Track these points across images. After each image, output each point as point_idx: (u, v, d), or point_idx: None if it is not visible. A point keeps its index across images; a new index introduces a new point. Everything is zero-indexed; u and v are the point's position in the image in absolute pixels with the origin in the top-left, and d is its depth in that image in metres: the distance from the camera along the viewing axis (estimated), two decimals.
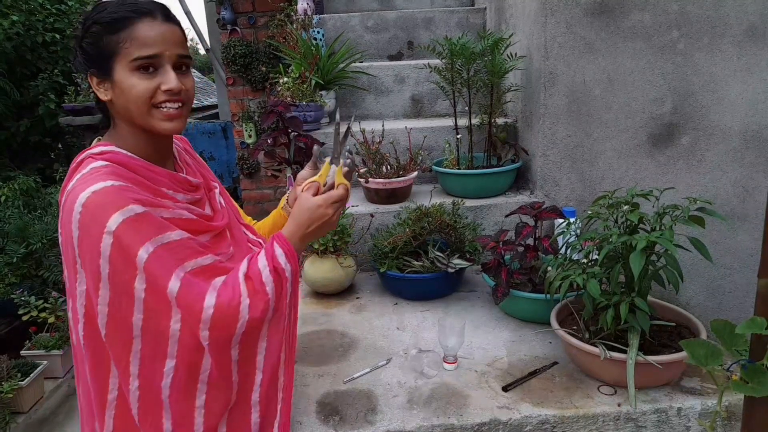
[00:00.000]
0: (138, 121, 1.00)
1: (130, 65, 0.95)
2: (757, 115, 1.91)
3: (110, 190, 0.91)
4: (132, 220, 0.91)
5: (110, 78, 0.97)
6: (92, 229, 0.90)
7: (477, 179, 2.07)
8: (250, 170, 4.04)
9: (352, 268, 1.85)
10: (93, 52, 0.97)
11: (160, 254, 0.93)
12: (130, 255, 0.91)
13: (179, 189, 1.05)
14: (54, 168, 4.66)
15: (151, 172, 1.02)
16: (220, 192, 1.20)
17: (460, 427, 1.18)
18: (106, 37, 0.95)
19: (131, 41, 0.95)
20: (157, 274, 0.92)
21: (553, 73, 1.90)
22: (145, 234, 0.92)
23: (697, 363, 0.89)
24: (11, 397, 2.25)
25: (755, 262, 0.87)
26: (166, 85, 0.97)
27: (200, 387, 0.99)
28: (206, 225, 1.07)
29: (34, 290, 2.74)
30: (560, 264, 1.41)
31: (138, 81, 0.96)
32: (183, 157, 1.16)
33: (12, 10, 4.65)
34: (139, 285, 0.92)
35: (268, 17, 3.76)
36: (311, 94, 2.36)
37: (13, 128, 4.91)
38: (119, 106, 0.99)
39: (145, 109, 0.98)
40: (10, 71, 4.83)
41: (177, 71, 0.99)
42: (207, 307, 0.95)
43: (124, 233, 0.90)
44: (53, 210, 3.10)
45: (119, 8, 0.96)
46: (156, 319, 0.94)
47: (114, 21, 0.95)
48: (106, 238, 0.90)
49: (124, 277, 0.92)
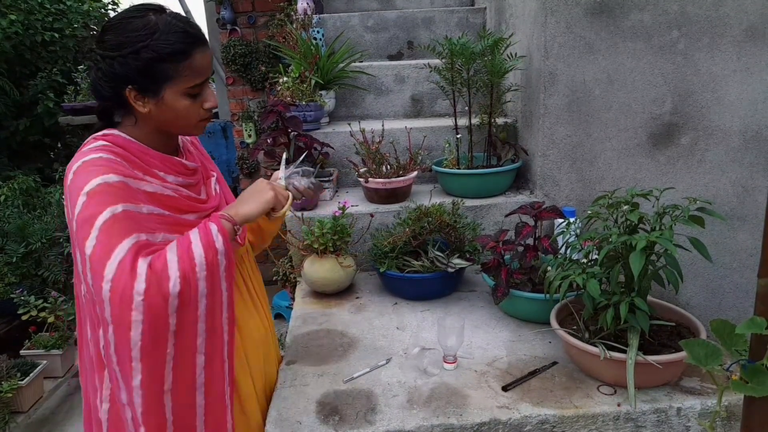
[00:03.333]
0: (172, 130, 1.12)
1: (183, 90, 1.06)
2: (757, 115, 1.91)
3: (97, 162, 1.00)
4: (108, 184, 0.98)
5: (157, 96, 1.05)
6: (74, 193, 0.99)
7: (477, 179, 2.07)
8: (249, 170, 4.04)
9: (352, 268, 1.85)
10: (141, 72, 1.02)
11: (125, 217, 0.98)
12: (94, 215, 0.96)
13: (170, 171, 1.13)
14: (53, 168, 4.66)
15: (145, 154, 1.09)
16: (217, 180, 1.29)
17: (460, 427, 1.18)
18: (163, 64, 1.02)
19: (190, 71, 1.05)
20: (108, 236, 0.96)
21: (553, 73, 1.90)
22: (118, 198, 0.99)
23: (696, 363, 0.89)
24: (11, 397, 2.25)
25: (755, 262, 0.87)
26: (208, 104, 1.11)
27: (134, 355, 0.97)
28: (194, 205, 1.15)
29: (34, 290, 2.74)
30: (560, 264, 1.41)
31: (189, 104, 1.08)
32: (187, 146, 1.25)
33: (11, 9, 4.65)
34: (90, 243, 0.96)
35: (267, 17, 3.76)
36: (311, 93, 2.36)
37: (12, 128, 4.91)
38: (158, 118, 1.08)
39: (193, 124, 1.11)
40: (9, 70, 4.83)
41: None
42: (140, 274, 0.96)
43: (96, 194, 0.97)
44: (53, 209, 3.10)
45: (177, 38, 1.03)
46: (96, 280, 0.96)
47: (174, 53, 1.02)
48: (81, 198, 0.97)
49: (81, 234, 0.97)
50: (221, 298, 1.08)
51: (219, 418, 1.11)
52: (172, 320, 0.98)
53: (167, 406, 1.02)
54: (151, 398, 0.99)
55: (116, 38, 1.02)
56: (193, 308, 1.02)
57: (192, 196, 1.16)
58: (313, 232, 1.80)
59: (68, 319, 2.59)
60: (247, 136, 3.95)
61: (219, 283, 1.06)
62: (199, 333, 1.04)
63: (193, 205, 1.15)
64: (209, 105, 1.11)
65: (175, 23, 1.04)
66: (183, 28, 1.04)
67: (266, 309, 1.41)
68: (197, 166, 1.22)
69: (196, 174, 1.21)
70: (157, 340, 0.98)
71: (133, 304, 0.94)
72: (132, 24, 1.02)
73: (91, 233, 0.96)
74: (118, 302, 0.94)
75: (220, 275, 1.06)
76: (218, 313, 1.08)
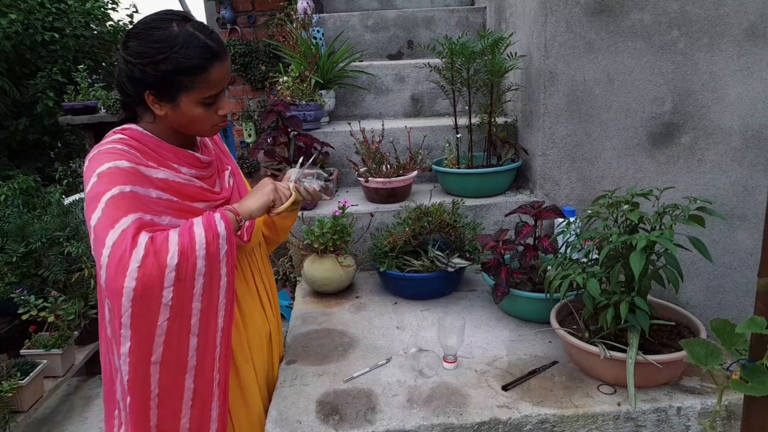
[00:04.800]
0: (189, 133, 1.18)
1: (198, 100, 1.10)
2: (757, 115, 1.91)
3: (111, 150, 1.06)
4: (120, 168, 1.04)
5: (173, 103, 1.10)
6: (87, 175, 1.04)
7: (477, 179, 2.07)
8: (249, 169, 4.04)
9: (352, 268, 1.85)
10: (159, 81, 1.07)
11: (132, 196, 1.03)
12: (102, 192, 1.01)
13: (184, 164, 1.17)
14: (53, 167, 4.66)
15: (160, 147, 1.14)
16: (232, 173, 1.33)
17: (460, 427, 1.18)
18: (180, 76, 1.06)
19: (206, 83, 1.09)
20: (113, 209, 1.00)
21: (553, 73, 1.90)
22: (128, 179, 1.03)
23: (696, 362, 0.89)
24: (11, 396, 2.24)
25: (755, 262, 0.87)
26: (222, 111, 1.16)
27: (124, 332, 1.00)
28: (206, 194, 1.19)
29: (34, 289, 2.74)
30: (560, 263, 1.41)
31: (203, 112, 1.12)
32: (205, 141, 1.29)
33: (11, 8, 4.65)
34: (95, 215, 1.00)
35: (267, 16, 3.76)
36: (311, 93, 2.36)
37: (12, 127, 4.91)
38: (173, 120, 1.13)
39: (206, 128, 1.16)
40: (9, 70, 4.83)
41: None
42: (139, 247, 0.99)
43: (107, 174, 1.03)
44: (53, 209, 3.09)
45: (195, 53, 1.06)
46: (97, 247, 1.00)
47: (192, 67, 1.06)
48: (93, 178, 1.03)
49: (88, 210, 1.02)
50: (219, 282, 1.10)
51: (205, 406, 1.12)
52: (167, 293, 1.00)
53: (153, 378, 1.03)
54: (138, 367, 1.01)
55: (138, 47, 1.06)
56: (189, 285, 1.04)
57: (204, 187, 1.20)
58: (313, 231, 1.80)
59: (68, 318, 2.59)
60: (247, 135, 3.95)
61: (218, 266, 1.09)
62: (194, 312, 1.06)
63: (204, 194, 1.18)
64: (223, 113, 1.16)
65: (196, 36, 1.06)
66: (203, 42, 1.07)
67: (276, 305, 1.44)
68: (211, 159, 1.25)
69: (210, 167, 1.24)
70: (148, 310, 0.99)
71: (128, 270, 0.96)
72: (154, 35, 1.05)
73: (97, 206, 1.00)
74: (114, 268, 0.96)
75: (220, 259, 1.08)
76: (215, 297, 1.10)
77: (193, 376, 1.08)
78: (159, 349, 1.02)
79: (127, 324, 0.98)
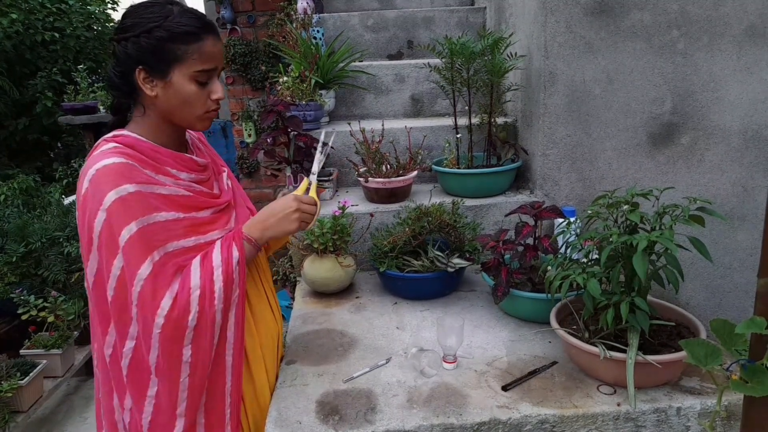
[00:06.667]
0: (177, 119, 1.13)
1: (191, 74, 1.07)
2: (757, 115, 1.91)
3: (112, 168, 1.02)
4: (123, 199, 1.01)
5: (165, 78, 1.07)
6: (92, 203, 1.02)
7: (477, 179, 2.07)
8: (249, 169, 4.04)
9: (352, 268, 1.85)
10: (152, 51, 1.05)
11: (141, 235, 1.02)
12: (115, 234, 1.01)
13: (182, 168, 1.15)
14: (53, 167, 4.66)
15: (157, 153, 1.12)
16: (228, 175, 1.32)
17: (460, 427, 1.18)
18: (173, 44, 1.05)
19: (198, 54, 1.07)
20: (132, 256, 1.01)
21: (553, 73, 1.90)
22: (133, 213, 1.02)
23: (696, 363, 0.89)
24: (10, 396, 2.25)
25: (755, 262, 0.87)
26: (215, 95, 1.12)
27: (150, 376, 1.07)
28: (208, 201, 1.18)
29: (34, 289, 2.74)
30: (560, 263, 1.41)
31: (195, 90, 1.09)
32: (195, 143, 1.28)
33: (12, 8, 4.65)
34: (117, 263, 1.01)
35: (267, 16, 3.76)
36: (311, 93, 2.35)
37: (11, 127, 4.91)
38: (165, 103, 1.09)
39: (198, 113, 1.12)
40: (9, 70, 4.83)
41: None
42: (162, 308, 1.03)
43: (114, 211, 1.01)
44: (52, 209, 3.10)
45: (190, 21, 1.06)
46: (122, 300, 1.03)
47: (186, 33, 1.05)
48: (101, 215, 1.01)
49: (106, 253, 1.02)
50: (226, 335, 1.15)
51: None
52: (186, 351, 1.07)
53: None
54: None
55: (132, 20, 1.07)
56: (206, 338, 1.10)
57: (205, 191, 1.19)
58: (313, 231, 1.79)
59: (68, 318, 2.59)
60: (246, 135, 3.95)
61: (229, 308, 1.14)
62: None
63: (207, 201, 1.18)
64: (216, 96, 1.12)
65: (191, 10, 1.09)
66: (197, 15, 1.09)
67: (277, 305, 1.44)
68: (207, 162, 1.24)
69: (207, 170, 1.23)
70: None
71: (152, 336, 1.03)
72: (150, 9, 1.07)
73: (117, 254, 1.02)
74: (141, 328, 1.02)
75: (231, 302, 1.14)
76: (221, 349, 1.15)
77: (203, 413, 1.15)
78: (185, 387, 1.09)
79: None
